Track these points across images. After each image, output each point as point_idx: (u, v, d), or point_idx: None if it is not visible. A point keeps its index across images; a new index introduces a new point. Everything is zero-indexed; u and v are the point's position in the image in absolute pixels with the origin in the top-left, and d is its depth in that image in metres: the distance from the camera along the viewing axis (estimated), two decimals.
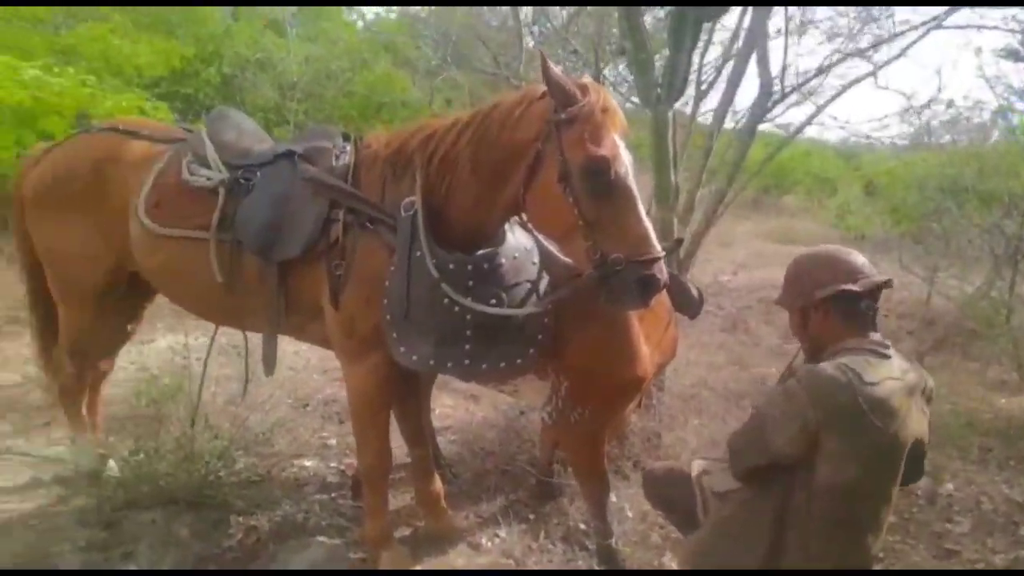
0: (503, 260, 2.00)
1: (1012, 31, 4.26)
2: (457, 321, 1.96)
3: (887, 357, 1.55)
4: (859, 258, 1.65)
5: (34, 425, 3.22)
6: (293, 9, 10.15)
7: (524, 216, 2.04)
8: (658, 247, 1.71)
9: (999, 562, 2.57)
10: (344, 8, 11.63)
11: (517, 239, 2.10)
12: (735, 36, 3.80)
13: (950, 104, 4.95)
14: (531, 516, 2.74)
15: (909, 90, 4.53)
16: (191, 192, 2.18)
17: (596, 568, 2.39)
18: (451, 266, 1.92)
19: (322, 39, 9.46)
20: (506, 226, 2.08)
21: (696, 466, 1.92)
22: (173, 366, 3.10)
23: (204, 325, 2.88)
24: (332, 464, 3.09)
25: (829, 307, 1.61)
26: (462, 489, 2.93)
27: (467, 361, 2.00)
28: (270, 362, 2.23)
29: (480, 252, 1.98)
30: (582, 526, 2.62)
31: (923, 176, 7.08)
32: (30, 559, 2.28)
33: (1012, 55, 6.50)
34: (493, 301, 1.95)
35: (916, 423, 1.53)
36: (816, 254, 1.73)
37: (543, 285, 2.08)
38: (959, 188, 6.12)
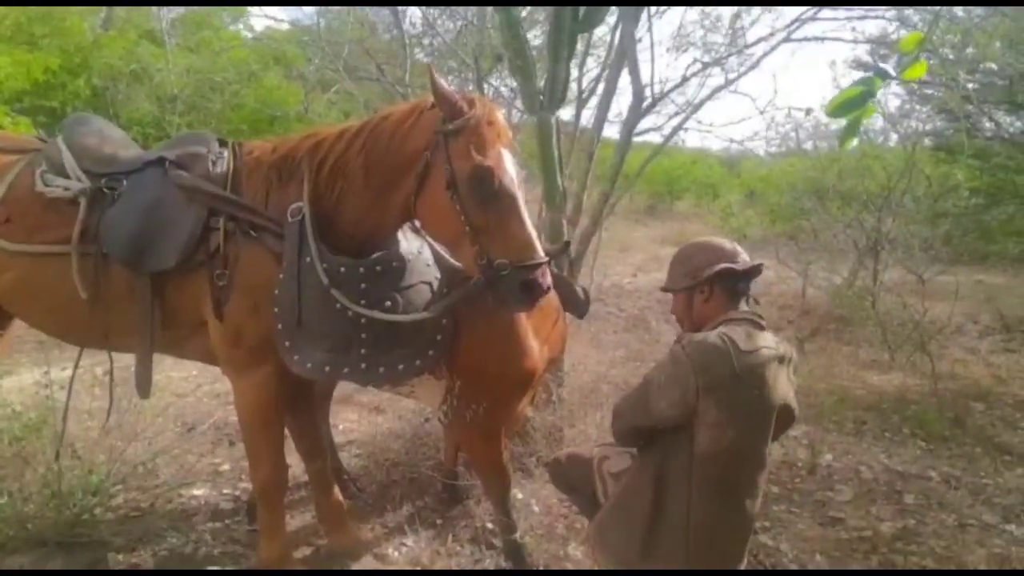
0: (396, 263, 2.00)
1: (856, 42, 4.81)
2: (351, 326, 1.93)
3: (763, 328, 1.69)
4: (734, 244, 1.81)
5: None
6: (171, 18, 9.63)
7: (417, 222, 2.06)
8: (541, 253, 1.77)
9: (886, 530, 2.76)
10: (228, 19, 11.19)
11: (409, 243, 2.10)
12: (610, 48, 4.03)
13: (809, 112, 5.52)
14: (438, 521, 2.72)
15: (758, 95, 5.04)
16: (47, 204, 2.01)
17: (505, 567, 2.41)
18: (342, 271, 1.90)
19: (204, 50, 9.02)
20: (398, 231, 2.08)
21: (597, 453, 2.01)
22: (38, 401, 2.82)
23: (72, 356, 2.65)
24: (225, 490, 2.93)
25: (714, 286, 1.74)
26: (368, 502, 2.86)
27: (363, 365, 1.97)
28: (144, 384, 2.07)
29: (373, 256, 1.97)
30: (489, 525, 2.63)
31: (793, 180, 7.77)
32: None
33: (861, 66, 7.28)
34: (388, 303, 1.94)
35: (784, 388, 1.67)
36: (699, 242, 1.87)
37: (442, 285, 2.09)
38: (822, 189, 6.76)
